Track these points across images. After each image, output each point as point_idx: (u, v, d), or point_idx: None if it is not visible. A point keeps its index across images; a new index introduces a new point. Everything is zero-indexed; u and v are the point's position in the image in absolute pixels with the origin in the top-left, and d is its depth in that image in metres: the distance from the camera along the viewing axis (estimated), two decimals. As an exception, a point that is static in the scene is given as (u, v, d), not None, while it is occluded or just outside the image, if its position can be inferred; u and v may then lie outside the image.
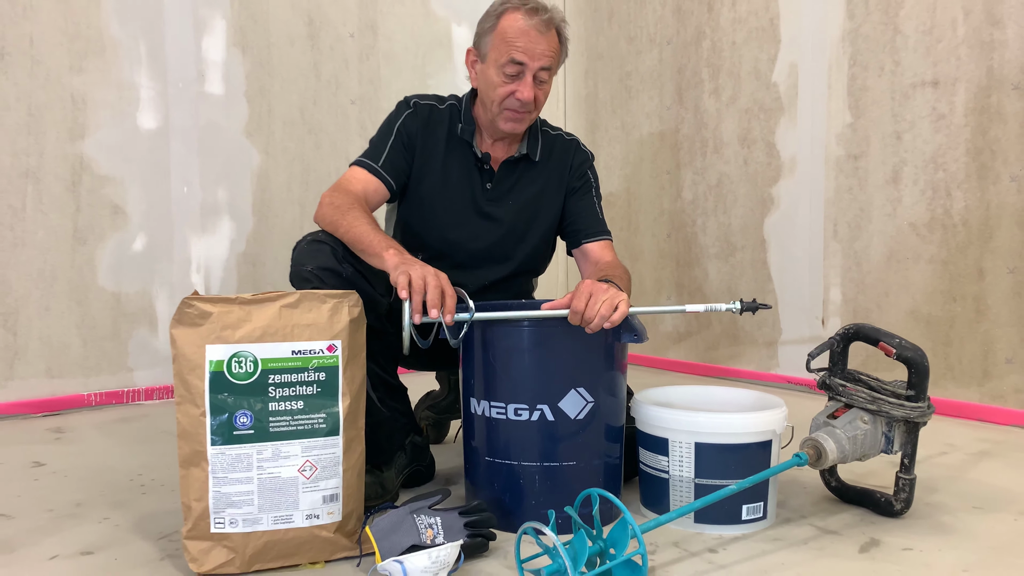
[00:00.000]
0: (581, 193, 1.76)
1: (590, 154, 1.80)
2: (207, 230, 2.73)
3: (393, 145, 1.64)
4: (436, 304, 1.28)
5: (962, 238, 2.26)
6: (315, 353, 1.29)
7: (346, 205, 1.52)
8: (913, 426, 1.47)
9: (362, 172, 1.63)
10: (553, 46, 1.59)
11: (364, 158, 1.65)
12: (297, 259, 1.48)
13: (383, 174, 1.62)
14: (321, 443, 1.29)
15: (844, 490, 1.59)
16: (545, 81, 1.61)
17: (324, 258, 1.45)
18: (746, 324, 2.84)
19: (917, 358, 1.44)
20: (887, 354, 1.47)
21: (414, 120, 1.66)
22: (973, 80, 2.22)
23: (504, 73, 1.57)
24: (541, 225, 1.74)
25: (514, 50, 1.56)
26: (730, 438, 1.40)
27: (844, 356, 1.56)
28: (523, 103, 1.58)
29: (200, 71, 2.68)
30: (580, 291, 1.33)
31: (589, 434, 1.42)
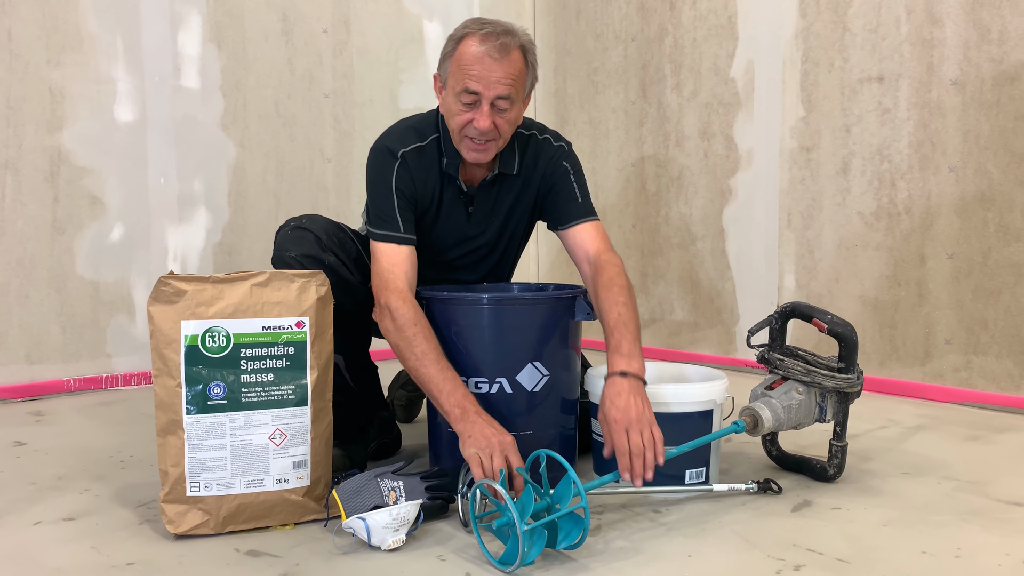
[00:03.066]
0: (559, 185, 1.70)
1: (563, 147, 1.72)
2: (184, 220, 2.80)
3: (400, 207, 1.58)
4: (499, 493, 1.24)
5: (906, 226, 2.39)
6: (284, 329, 1.38)
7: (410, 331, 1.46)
8: (844, 396, 1.59)
9: (395, 250, 1.55)
10: (512, 71, 1.50)
11: (385, 231, 1.57)
12: (281, 244, 1.56)
13: (409, 238, 1.57)
14: (290, 413, 1.38)
15: (784, 458, 1.70)
16: (506, 109, 1.52)
17: (308, 245, 1.54)
18: (706, 310, 2.96)
19: (847, 333, 1.56)
20: (819, 329, 1.58)
21: (406, 172, 1.60)
22: (915, 76, 2.34)
23: (461, 102, 1.51)
24: (515, 233, 1.76)
25: (468, 79, 1.49)
26: (673, 407, 1.51)
27: (783, 333, 1.67)
28: (481, 132, 1.52)
29: (176, 65, 2.75)
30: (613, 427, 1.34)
31: (545, 406, 1.52)
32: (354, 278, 1.59)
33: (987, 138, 2.21)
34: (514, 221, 1.74)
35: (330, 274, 1.52)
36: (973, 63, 2.23)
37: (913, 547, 1.28)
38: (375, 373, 1.75)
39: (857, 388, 1.58)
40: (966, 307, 2.27)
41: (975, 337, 2.26)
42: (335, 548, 1.29)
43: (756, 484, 1.52)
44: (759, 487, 1.52)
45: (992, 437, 1.96)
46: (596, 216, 1.69)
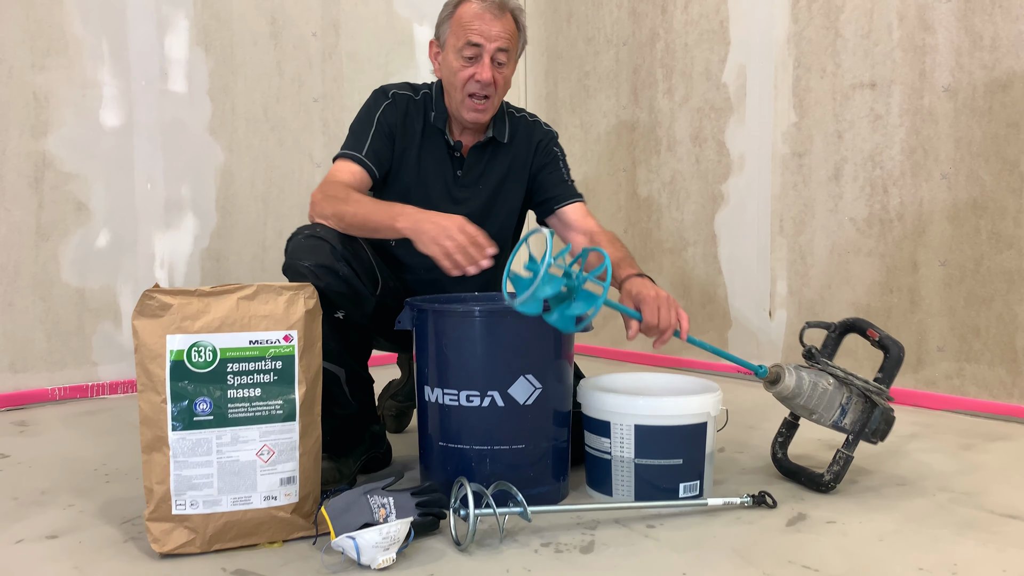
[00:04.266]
0: (550, 167, 1.84)
1: (553, 132, 1.88)
2: (171, 226, 2.76)
3: (375, 135, 1.69)
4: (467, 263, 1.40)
5: (898, 232, 2.38)
6: (272, 343, 1.36)
7: (343, 193, 1.58)
8: (869, 407, 1.58)
9: (347, 164, 1.67)
10: (509, 28, 1.67)
11: (347, 149, 1.69)
12: (294, 253, 1.53)
13: (367, 163, 1.67)
14: (278, 428, 1.36)
15: (784, 463, 1.69)
16: (504, 64, 1.67)
17: (322, 255, 1.51)
18: (698, 315, 2.95)
19: (894, 347, 1.61)
20: (871, 338, 1.62)
21: (393, 111, 1.72)
22: (907, 82, 2.34)
23: (463, 57, 1.64)
24: (507, 203, 1.80)
25: (470, 32, 1.63)
26: (667, 420, 1.49)
27: (836, 343, 1.71)
28: (483, 85, 1.64)
29: (163, 69, 2.72)
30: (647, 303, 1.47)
31: (537, 418, 1.50)
32: (366, 289, 1.57)
33: (979, 145, 2.20)
34: (503, 194, 1.79)
35: (343, 285, 1.51)
36: (965, 70, 2.22)
37: (909, 563, 1.27)
38: (371, 386, 1.72)
39: (883, 400, 1.57)
40: (958, 314, 2.27)
41: (967, 344, 2.25)
42: (324, 567, 1.26)
43: (751, 498, 1.50)
44: (753, 500, 1.51)
45: (985, 446, 1.95)
46: (583, 197, 1.86)
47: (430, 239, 1.42)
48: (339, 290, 1.50)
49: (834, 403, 1.60)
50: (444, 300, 1.67)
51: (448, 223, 1.43)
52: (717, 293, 2.89)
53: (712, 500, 1.49)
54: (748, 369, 1.62)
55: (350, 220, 1.55)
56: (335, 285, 1.49)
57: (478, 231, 1.43)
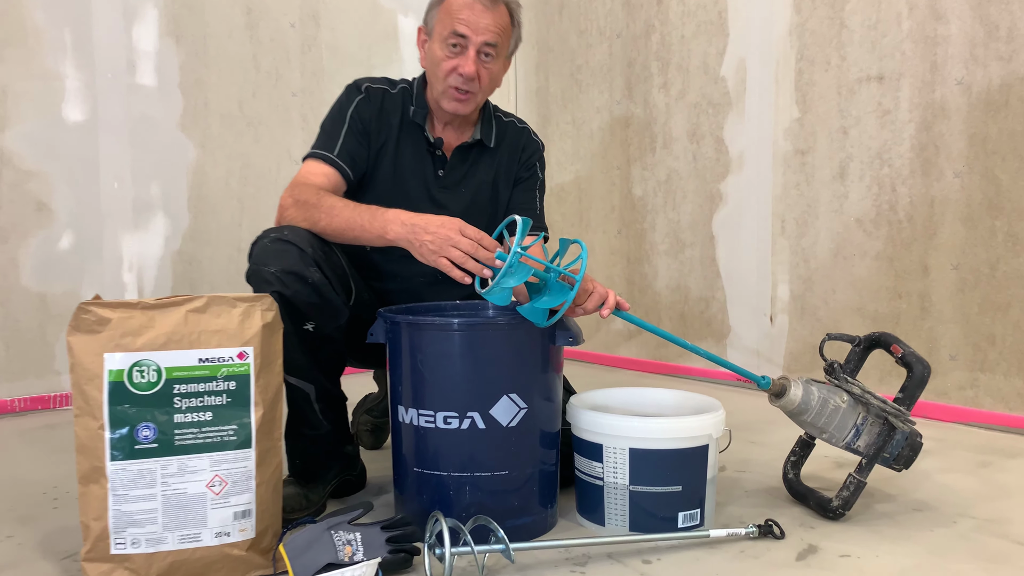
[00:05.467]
0: (525, 186, 1.72)
1: (540, 144, 1.75)
2: (140, 227, 2.62)
3: (348, 133, 1.56)
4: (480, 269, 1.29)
5: (907, 234, 2.25)
6: (224, 361, 1.21)
7: (314, 197, 1.44)
8: (887, 429, 1.45)
9: (318, 164, 1.53)
10: (500, 22, 1.53)
11: (318, 149, 1.55)
12: (259, 258, 1.38)
13: (340, 164, 1.54)
14: (232, 456, 1.22)
15: (794, 485, 1.56)
16: (491, 58, 1.54)
17: (290, 260, 1.36)
18: (695, 321, 2.82)
19: (918, 366, 1.48)
20: (895, 354, 1.50)
21: (367, 106, 1.59)
22: (917, 75, 2.21)
23: (448, 46, 1.52)
24: (491, 212, 1.68)
25: (457, 22, 1.51)
26: (665, 443, 1.36)
27: (861, 358, 1.58)
28: (465, 78, 1.52)
29: (131, 61, 2.57)
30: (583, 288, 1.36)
31: (522, 442, 1.37)
32: (339, 298, 1.43)
33: (995, 141, 2.07)
34: (487, 201, 1.67)
35: (313, 294, 1.36)
36: (980, 62, 2.09)
37: (935, 607, 1.14)
38: (344, 404, 1.58)
39: (902, 422, 1.44)
40: (972, 321, 2.14)
41: (982, 353, 2.12)
42: (281, 614, 1.13)
43: (756, 528, 1.37)
44: (759, 531, 1.37)
45: (1004, 463, 1.82)
46: (547, 232, 1.72)
47: (432, 250, 1.30)
48: (309, 299, 1.36)
49: (847, 423, 1.46)
50: (421, 310, 1.53)
51: (447, 230, 1.30)
52: (715, 297, 2.75)
53: (714, 532, 1.36)
54: (749, 380, 1.49)
55: (325, 227, 1.41)
56: (304, 294, 1.35)
57: (480, 232, 1.31)
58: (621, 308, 1.38)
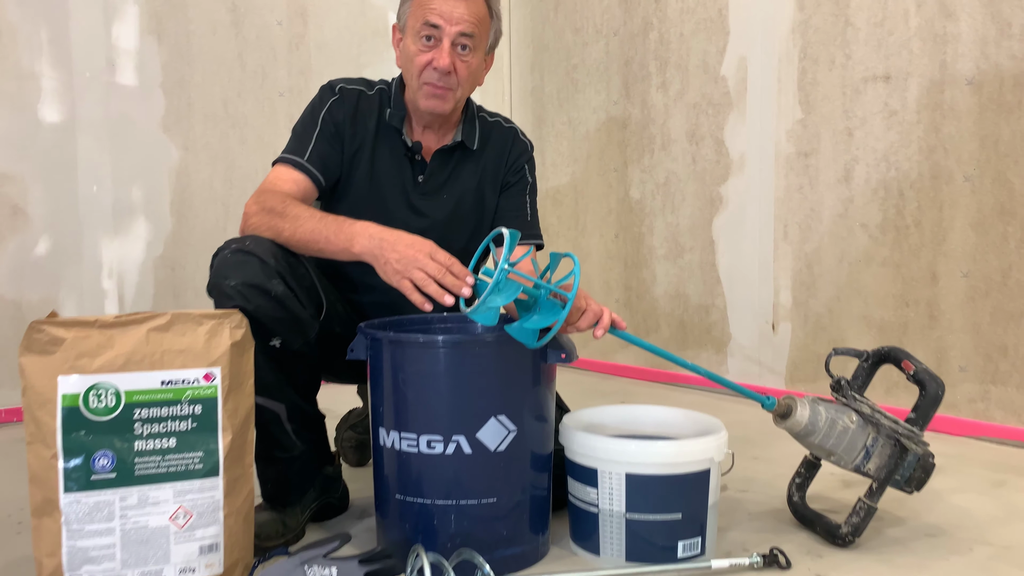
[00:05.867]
0: (514, 190, 1.62)
1: (529, 145, 1.66)
2: (120, 232, 2.53)
3: (319, 137, 1.48)
4: (442, 295, 1.19)
5: (915, 240, 2.17)
6: (189, 383, 1.13)
7: (280, 205, 1.35)
8: (898, 451, 1.37)
9: (287, 170, 1.45)
10: (476, 12, 1.44)
11: (288, 154, 1.47)
12: (219, 271, 1.30)
13: (310, 169, 1.45)
14: (197, 486, 1.13)
15: (800, 509, 1.48)
16: (468, 50, 1.45)
17: (251, 272, 1.27)
18: (695, 328, 2.73)
19: (931, 384, 1.40)
20: (906, 371, 1.42)
21: (340, 108, 1.50)
22: (926, 75, 2.12)
23: (421, 39, 1.44)
24: (477, 221, 1.59)
25: (429, 12, 1.42)
26: (663, 468, 1.27)
27: (870, 375, 1.50)
28: (440, 72, 1.43)
29: (110, 60, 2.48)
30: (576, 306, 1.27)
31: (511, 467, 1.28)
32: (305, 312, 1.34)
33: (1007, 144, 1.99)
34: (472, 207, 1.58)
35: (277, 308, 1.27)
36: (991, 60, 2.00)
37: (956, 650, 1.05)
38: (322, 423, 1.49)
39: (914, 444, 1.36)
40: (983, 331, 2.05)
41: (993, 364, 2.04)
42: (248, 659, 1.04)
43: (761, 558, 1.29)
44: (764, 561, 1.29)
45: (1019, 482, 1.74)
46: (541, 239, 1.62)
47: (396, 270, 1.22)
48: (273, 314, 1.27)
49: (856, 444, 1.38)
50: (404, 324, 1.45)
51: (415, 251, 1.22)
52: (715, 304, 2.67)
53: (716, 562, 1.27)
54: (753, 400, 1.40)
55: (288, 238, 1.32)
56: (268, 308, 1.26)
57: (451, 258, 1.22)
58: (617, 327, 1.30)
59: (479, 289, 1.19)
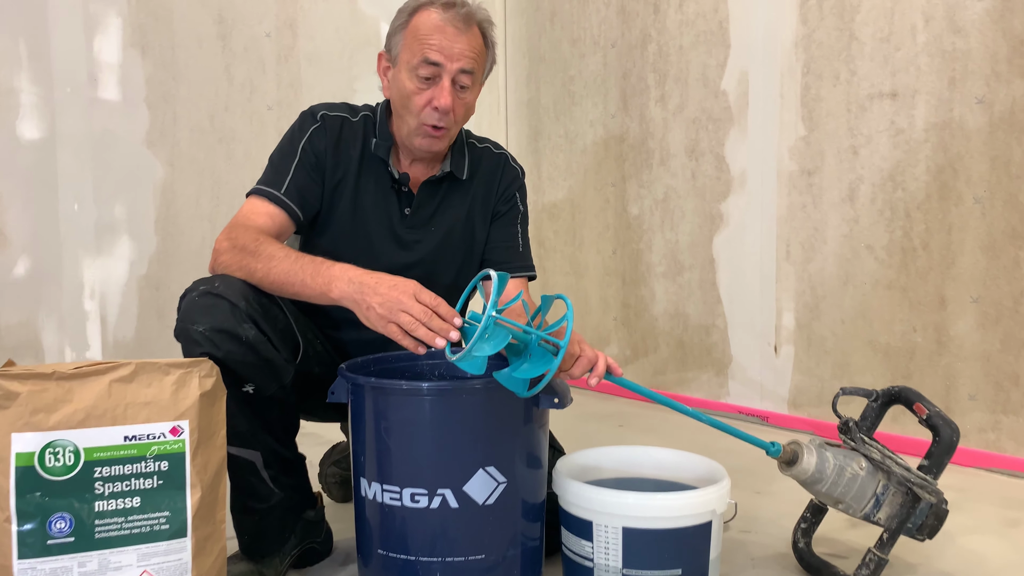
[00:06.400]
0: (505, 220, 1.55)
1: (520, 171, 1.58)
2: (103, 251, 2.45)
3: (298, 168, 1.39)
4: (432, 338, 1.11)
5: (922, 263, 2.10)
6: (155, 438, 1.06)
7: (252, 243, 1.26)
8: (910, 500, 1.30)
9: (262, 203, 1.36)
10: (475, 46, 1.37)
11: (263, 185, 1.39)
12: (186, 314, 1.21)
13: (287, 203, 1.37)
14: (163, 548, 1.06)
15: (806, 556, 1.41)
16: (467, 88, 1.38)
17: (221, 317, 1.19)
18: (694, 348, 2.66)
19: (946, 430, 1.34)
20: (919, 415, 1.36)
21: (322, 137, 1.42)
22: (934, 92, 2.05)
23: (418, 76, 1.35)
24: (466, 253, 1.52)
25: (428, 48, 1.33)
26: (663, 522, 1.20)
27: (879, 416, 1.43)
28: (441, 113, 1.35)
29: (92, 74, 2.41)
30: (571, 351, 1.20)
31: (501, 521, 1.21)
32: (280, 356, 1.26)
33: (1019, 164, 1.92)
34: (460, 240, 1.50)
35: (249, 353, 1.20)
36: (1003, 78, 1.93)
37: None
38: (302, 465, 1.42)
39: (928, 492, 1.29)
40: (994, 359, 1.98)
41: (1004, 393, 1.97)
42: None
43: None
44: None
45: (1033, 521, 1.67)
46: (532, 271, 1.55)
47: (380, 315, 1.13)
48: (245, 360, 1.20)
49: (866, 492, 1.31)
50: (389, 362, 1.37)
51: (399, 292, 1.13)
52: (716, 324, 2.59)
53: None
54: (757, 447, 1.33)
55: (261, 279, 1.24)
56: (238, 354, 1.19)
57: (437, 299, 1.14)
58: (612, 373, 1.22)
59: (467, 332, 1.12)
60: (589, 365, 1.19)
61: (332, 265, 1.21)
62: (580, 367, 1.18)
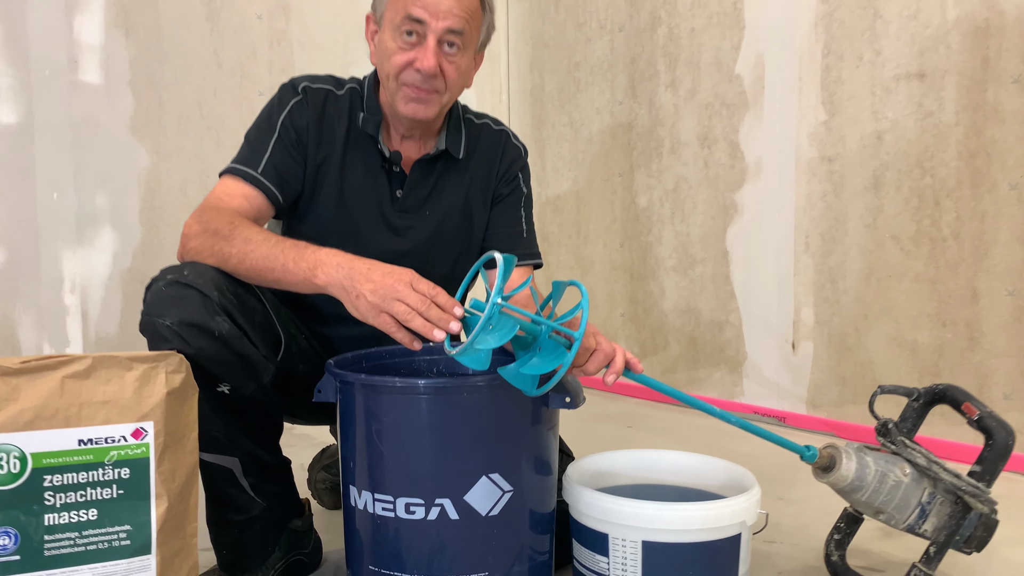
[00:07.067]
0: (507, 203, 1.42)
1: (523, 149, 1.45)
2: (84, 243, 2.33)
3: (277, 145, 1.26)
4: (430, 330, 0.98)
5: (953, 254, 1.97)
6: (114, 441, 0.93)
7: (226, 226, 1.14)
8: (960, 510, 1.18)
9: (237, 183, 1.24)
10: (466, 5, 1.24)
11: (238, 164, 1.26)
12: (152, 306, 1.09)
13: (265, 184, 1.24)
14: (123, 567, 0.93)
15: (841, 571, 1.29)
16: (456, 49, 1.24)
17: (191, 309, 1.06)
18: (706, 346, 2.53)
19: (1000, 432, 1.22)
20: (968, 415, 1.24)
21: (303, 111, 1.29)
22: (966, 72, 1.93)
23: (401, 35, 1.22)
24: (464, 241, 1.39)
25: (411, 5, 1.21)
26: (687, 535, 1.07)
27: (921, 416, 1.31)
28: (424, 75, 1.22)
29: (72, 56, 2.28)
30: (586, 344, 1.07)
31: (506, 534, 1.08)
32: (258, 352, 1.13)
33: (1059, 149, 1.79)
34: (458, 225, 1.37)
35: (223, 350, 1.07)
36: (1041, 56, 1.81)
37: None
38: (287, 471, 1.29)
39: (981, 502, 1.16)
40: (1031, 355, 1.86)
41: (1042, 393, 1.85)
42: None
43: None
44: None
45: (1081, 531, 1.54)
46: (539, 258, 1.41)
47: (372, 303, 1.00)
48: (218, 357, 1.07)
49: (910, 502, 1.19)
50: (382, 358, 1.25)
51: (394, 280, 1.00)
52: (729, 320, 2.47)
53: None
54: (790, 450, 1.21)
55: (236, 266, 1.11)
56: (211, 350, 1.06)
57: (436, 287, 1.01)
58: (632, 370, 1.10)
59: (469, 324, 0.99)
60: (606, 360, 1.07)
61: (318, 249, 1.08)
62: (596, 362, 1.06)
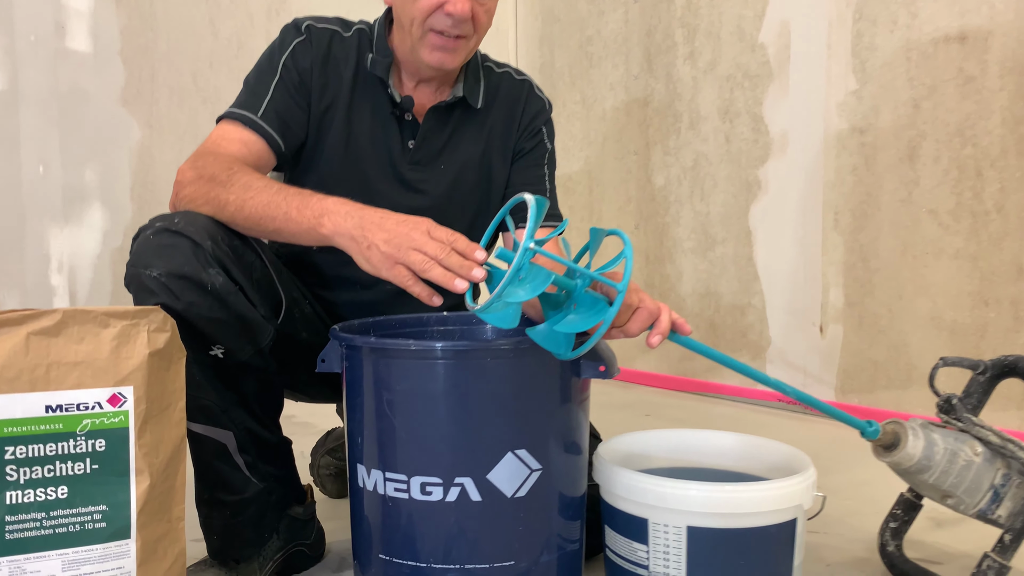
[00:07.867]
0: (530, 158, 1.30)
1: (547, 103, 1.33)
2: (71, 220, 2.21)
3: (279, 88, 1.15)
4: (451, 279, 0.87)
5: (996, 228, 1.85)
6: (88, 409, 0.81)
7: (223, 172, 1.02)
8: None
9: (236, 128, 1.12)
10: None
11: (237, 108, 1.14)
12: (139, 256, 0.96)
13: (266, 129, 1.13)
14: (99, 553, 0.81)
15: (898, 561, 1.17)
16: None
17: (181, 259, 0.94)
18: (727, 331, 2.41)
19: None
20: None
21: (307, 52, 1.18)
22: (1011, 33, 1.81)
23: None
24: (482, 198, 1.27)
25: None
26: (738, 519, 0.95)
27: (986, 391, 1.19)
28: (455, 19, 1.10)
29: (59, 23, 2.16)
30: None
31: (534, 518, 0.96)
32: (256, 311, 1.01)
33: (1114, 112, 1.68)
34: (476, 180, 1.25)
35: (216, 306, 0.95)
36: (1095, 13, 1.69)
37: None
38: (287, 451, 1.17)
39: None
40: (1083, 335, 1.74)
41: (1096, 374, 1.72)
42: None
43: None
44: None
45: None
46: (563, 220, 1.25)
47: (385, 254, 0.89)
48: (211, 315, 0.95)
49: (982, 484, 1.06)
50: (392, 326, 1.13)
51: (408, 228, 0.89)
52: (752, 303, 2.35)
53: None
54: (851, 425, 1.09)
55: (233, 214, 0.99)
56: (203, 307, 0.94)
57: (454, 233, 0.90)
58: (680, 331, 0.97)
59: (494, 277, 0.87)
60: (650, 319, 0.94)
61: (324, 197, 0.97)
62: (639, 322, 0.94)
